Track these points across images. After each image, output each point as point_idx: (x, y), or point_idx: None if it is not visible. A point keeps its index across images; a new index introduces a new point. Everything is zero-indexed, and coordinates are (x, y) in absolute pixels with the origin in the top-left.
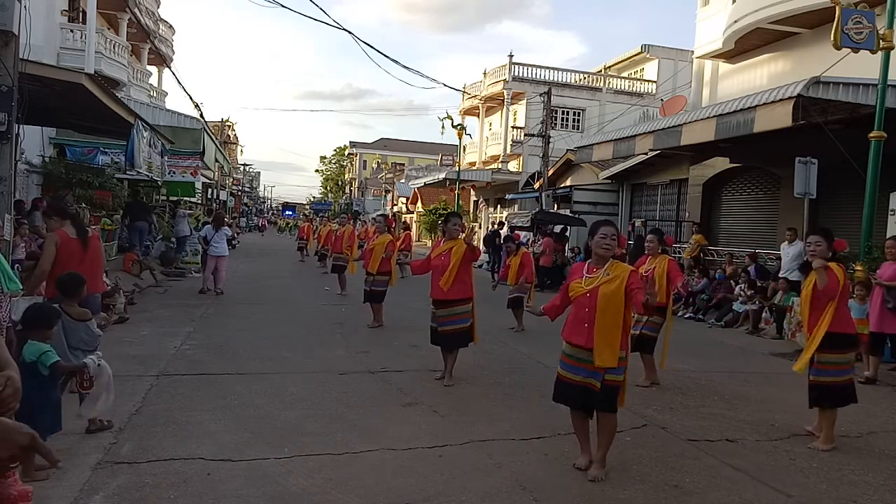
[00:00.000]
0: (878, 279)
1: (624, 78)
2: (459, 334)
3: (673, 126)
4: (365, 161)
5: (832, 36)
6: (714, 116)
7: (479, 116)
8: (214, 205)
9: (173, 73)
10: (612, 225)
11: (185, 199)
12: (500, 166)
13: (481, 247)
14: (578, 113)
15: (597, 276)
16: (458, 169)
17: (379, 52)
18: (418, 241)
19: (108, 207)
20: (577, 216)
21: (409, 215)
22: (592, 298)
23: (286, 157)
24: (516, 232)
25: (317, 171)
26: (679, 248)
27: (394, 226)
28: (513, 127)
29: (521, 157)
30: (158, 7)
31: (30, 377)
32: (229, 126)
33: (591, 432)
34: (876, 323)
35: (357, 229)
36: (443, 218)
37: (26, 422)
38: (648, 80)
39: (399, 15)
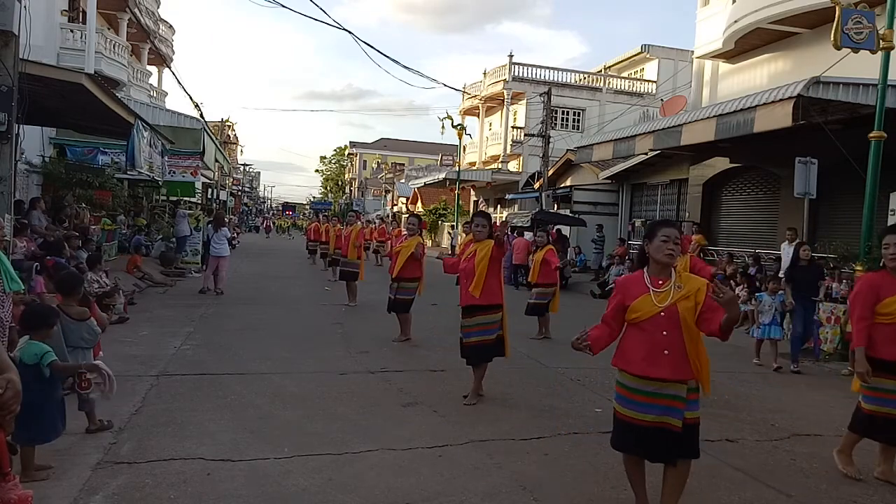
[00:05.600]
0: None
1: (624, 78)
2: (484, 347)
3: (673, 126)
4: (365, 161)
5: (832, 36)
6: (714, 116)
7: (479, 116)
8: (214, 205)
9: (173, 73)
10: (673, 225)
11: (185, 199)
12: (500, 166)
13: None
14: (578, 113)
15: (667, 290)
16: (458, 169)
17: (379, 52)
18: None
19: (109, 207)
20: (577, 216)
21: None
22: (671, 318)
23: (286, 157)
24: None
25: (317, 171)
26: None
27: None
28: (513, 127)
29: (521, 157)
30: (158, 7)
31: (33, 379)
32: (229, 126)
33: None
34: None
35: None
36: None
37: (31, 424)
38: (648, 80)
39: (399, 15)
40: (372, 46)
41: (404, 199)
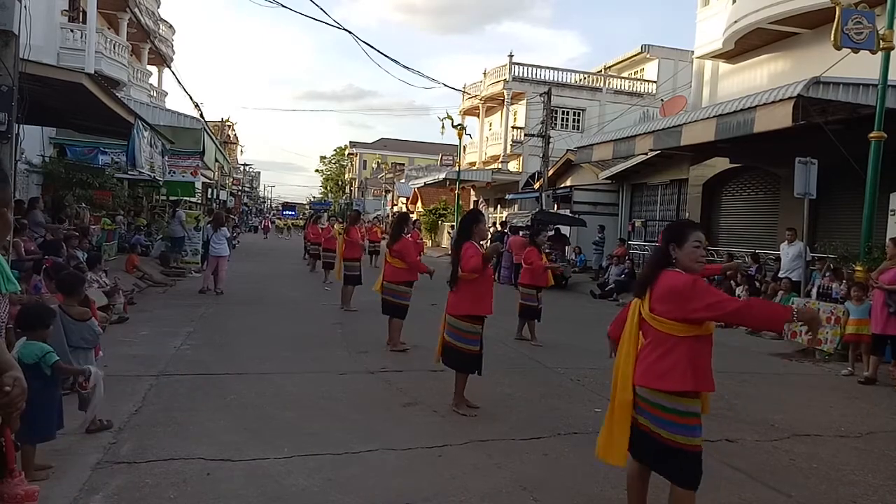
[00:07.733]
0: (879, 282)
1: (624, 78)
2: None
3: (673, 126)
4: (365, 161)
5: (832, 36)
6: (714, 116)
7: (479, 116)
8: (214, 205)
9: (173, 73)
10: (701, 228)
11: (186, 199)
12: (500, 166)
13: None
14: (578, 113)
15: None
16: (458, 169)
17: (379, 52)
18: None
19: (108, 207)
20: (577, 216)
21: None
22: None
23: (286, 157)
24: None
25: (317, 171)
26: None
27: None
28: (513, 127)
29: (521, 157)
30: (158, 7)
31: (33, 379)
32: (229, 126)
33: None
34: (879, 325)
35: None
36: (469, 217)
37: (31, 422)
38: (648, 81)
39: (399, 15)
40: (372, 46)
41: (404, 199)
